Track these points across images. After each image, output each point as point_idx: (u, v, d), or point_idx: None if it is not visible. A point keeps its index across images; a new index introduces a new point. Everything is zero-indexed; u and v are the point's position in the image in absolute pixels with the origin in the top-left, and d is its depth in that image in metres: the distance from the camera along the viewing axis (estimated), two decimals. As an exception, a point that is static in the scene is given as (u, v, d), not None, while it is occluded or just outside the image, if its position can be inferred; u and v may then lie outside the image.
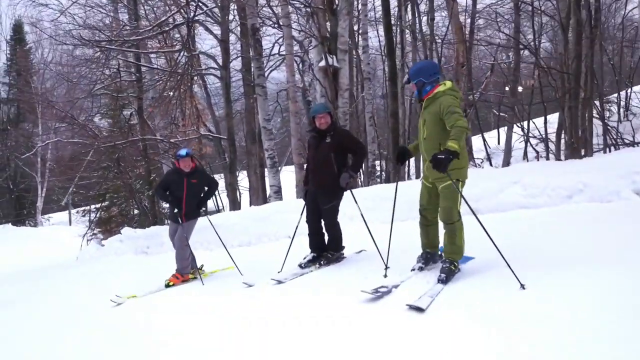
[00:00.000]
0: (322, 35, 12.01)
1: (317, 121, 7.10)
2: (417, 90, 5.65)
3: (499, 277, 5.28)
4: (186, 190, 8.01)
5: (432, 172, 5.57)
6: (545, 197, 8.45)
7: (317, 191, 7.18)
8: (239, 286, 6.80)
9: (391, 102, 14.01)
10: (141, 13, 20.16)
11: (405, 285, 5.49)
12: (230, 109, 17.38)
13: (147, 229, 14.42)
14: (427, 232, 6.02)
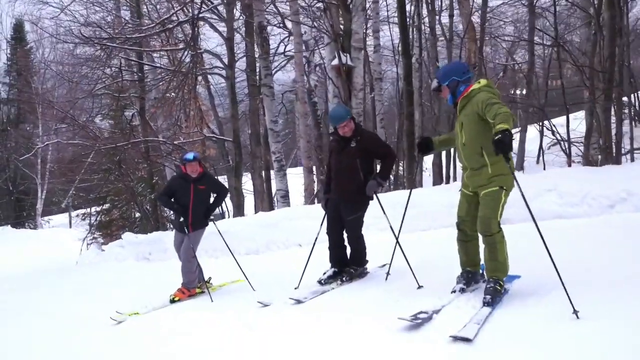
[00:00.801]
0: (336, 32, 11.35)
1: (340, 130, 6.45)
2: (451, 93, 5.11)
3: (550, 300, 4.71)
4: (193, 197, 7.36)
5: (473, 181, 5.05)
6: (584, 206, 7.81)
7: (340, 200, 6.52)
8: (253, 304, 6.15)
9: (407, 103, 13.39)
10: (144, 11, 19.59)
11: (447, 310, 4.84)
12: (236, 109, 16.77)
13: (149, 235, 13.84)
14: (466, 249, 5.40)
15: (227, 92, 24.98)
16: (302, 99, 15.71)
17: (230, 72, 16.46)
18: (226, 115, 27.57)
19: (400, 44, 14.35)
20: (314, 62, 19.56)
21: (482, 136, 4.86)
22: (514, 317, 4.53)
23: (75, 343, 6.03)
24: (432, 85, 5.25)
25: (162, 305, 7.15)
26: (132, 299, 7.73)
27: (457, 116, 5.13)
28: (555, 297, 4.67)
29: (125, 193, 20.27)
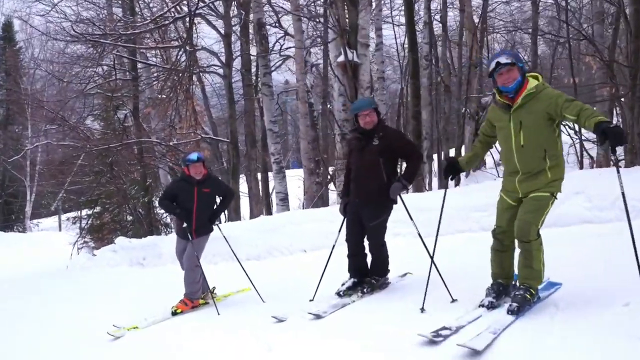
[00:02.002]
0: (342, 27, 10.81)
1: (361, 120, 5.86)
2: (516, 82, 4.39)
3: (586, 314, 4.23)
4: (197, 201, 6.77)
5: (526, 186, 4.51)
6: (616, 210, 7.28)
7: (361, 204, 5.94)
8: (265, 318, 5.58)
9: (413, 102, 12.91)
10: (137, 9, 19.07)
11: (473, 326, 4.32)
12: (233, 109, 16.23)
13: (142, 239, 13.30)
14: (501, 260, 4.85)
15: (221, 92, 24.69)
16: (302, 99, 15.17)
17: (228, 71, 15.93)
18: (220, 116, 27.14)
19: (407, 39, 13.89)
20: (310, 62, 19.11)
21: (546, 137, 4.37)
22: (539, 329, 4.08)
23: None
24: (498, 61, 4.39)
25: (163, 318, 6.57)
26: (130, 310, 7.19)
27: (512, 114, 4.47)
28: (592, 312, 4.24)
29: (117, 196, 19.72)
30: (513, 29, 19.79)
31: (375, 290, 6.02)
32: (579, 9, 18.17)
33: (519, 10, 21.06)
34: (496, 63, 4.39)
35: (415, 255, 6.95)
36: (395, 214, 7.39)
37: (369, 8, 11.16)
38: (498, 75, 4.42)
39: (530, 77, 4.47)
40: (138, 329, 6.23)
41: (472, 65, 17.74)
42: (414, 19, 13.51)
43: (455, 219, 9.08)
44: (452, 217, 9.10)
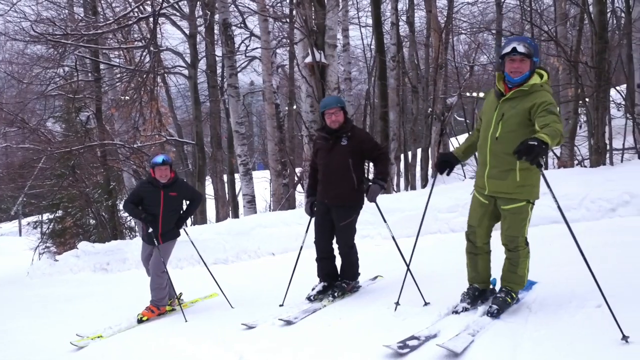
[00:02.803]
0: (309, 28, 10.72)
1: (328, 118, 5.73)
2: (523, 76, 4.19)
3: (562, 314, 4.24)
4: (163, 205, 6.58)
5: (494, 184, 4.37)
6: (583, 210, 7.35)
7: (330, 205, 5.83)
8: (233, 325, 5.44)
9: (380, 103, 12.89)
10: (99, 9, 18.68)
11: (445, 332, 4.21)
12: (199, 111, 16.01)
13: (106, 244, 13.04)
14: (475, 263, 4.73)
15: (186, 93, 24.41)
16: (269, 100, 15.02)
17: (193, 72, 15.72)
18: (185, 117, 26.83)
19: (375, 40, 13.87)
20: (276, 63, 18.99)
21: (522, 136, 4.09)
22: (513, 331, 4.04)
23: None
24: (514, 47, 4.11)
25: (128, 326, 6.38)
26: (93, 318, 7.01)
27: (499, 104, 4.31)
28: (567, 311, 4.26)
29: (79, 199, 19.33)
30: (478, 30, 19.91)
31: (346, 294, 5.93)
32: (541, 10, 18.36)
33: (483, 12, 21.21)
34: (512, 48, 4.12)
35: (385, 258, 6.91)
36: (363, 216, 7.34)
37: (336, 9, 11.07)
38: (509, 60, 4.17)
39: (536, 72, 4.28)
40: (102, 337, 6.05)
41: (438, 66, 17.80)
42: (381, 19, 13.49)
43: (425, 220, 9.04)
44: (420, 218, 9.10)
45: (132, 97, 15.79)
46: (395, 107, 16.97)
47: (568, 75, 12.11)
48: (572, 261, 5.32)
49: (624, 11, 14.55)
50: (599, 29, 9.69)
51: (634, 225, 6.83)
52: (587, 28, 12.60)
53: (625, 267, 5.21)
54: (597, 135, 9.95)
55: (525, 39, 4.34)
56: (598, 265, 4.88)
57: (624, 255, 5.69)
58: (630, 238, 6.39)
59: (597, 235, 6.70)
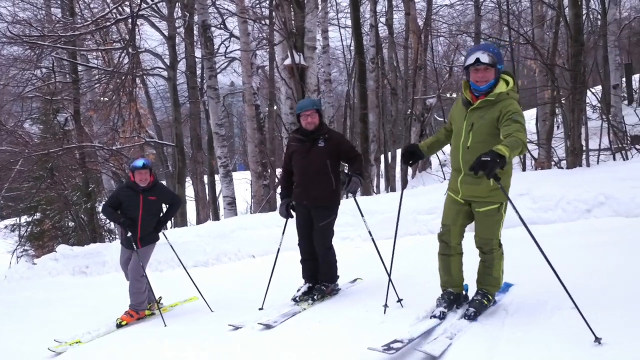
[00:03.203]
0: (288, 30, 10.73)
1: (303, 120, 5.80)
2: (488, 84, 4.24)
3: (535, 314, 4.35)
4: (142, 209, 6.55)
5: (468, 189, 4.42)
6: (559, 211, 7.44)
7: (311, 206, 5.89)
8: (213, 329, 5.46)
9: (360, 105, 12.94)
10: (77, 10, 18.52)
11: (424, 337, 4.26)
12: (178, 112, 15.95)
13: (85, 247, 12.89)
14: (448, 266, 4.70)
15: (165, 94, 24.27)
16: (249, 101, 14.96)
17: (172, 73, 15.64)
18: (164, 119, 26.69)
19: (354, 42, 13.91)
20: (256, 64, 18.95)
21: (490, 144, 4.13)
22: (492, 332, 4.11)
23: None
24: (478, 58, 4.14)
25: (107, 331, 6.36)
26: (72, 323, 6.94)
27: (468, 113, 4.35)
28: (543, 313, 4.35)
29: (58, 202, 19.16)
30: (457, 32, 20.07)
31: (326, 297, 5.96)
32: (519, 12, 18.56)
33: (462, 13, 21.40)
34: (476, 59, 4.16)
35: (365, 260, 6.93)
36: (343, 218, 7.38)
37: (315, 11, 11.09)
38: (474, 70, 4.23)
39: (502, 79, 4.34)
40: (81, 343, 6.02)
41: (418, 68, 17.89)
42: (360, 21, 13.55)
43: (404, 222, 9.10)
44: (400, 220, 9.13)
45: (111, 99, 15.68)
46: (374, 109, 17.03)
47: (545, 77, 12.26)
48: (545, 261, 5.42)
49: (600, 13, 14.79)
50: (575, 32, 9.82)
51: (609, 226, 6.94)
52: (564, 30, 12.77)
53: (598, 269, 5.29)
54: (573, 136, 10.08)
55: (487, 47, 4.37)
56: (573, 266, 4.99)
57: (598, 256, 5.78)
58: (604, 239, 6.50)
59: (573, 236, 6.81)
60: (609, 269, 5.24)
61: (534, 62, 13.45)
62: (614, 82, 16.38)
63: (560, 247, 6.33)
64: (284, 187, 6.23)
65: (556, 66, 11.18)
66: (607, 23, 13.18)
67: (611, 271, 5.15)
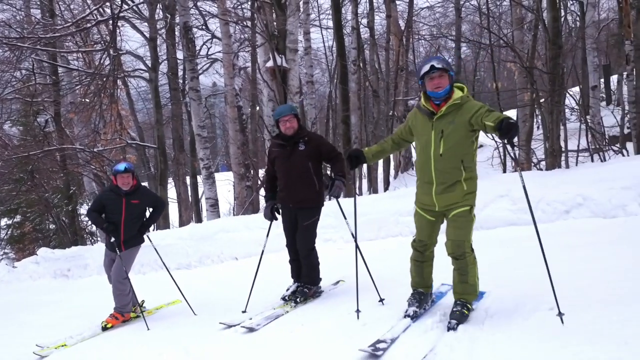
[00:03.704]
0: (270, 33, 10.77)
1: (282, 125, 5.92)
2: (445, 89, 4.36)
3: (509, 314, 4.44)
4: (125, 213, 6.55)
5: (444, 199, 4.49)
6: (539, 212, 7.55)
7: (296, 208, 6.01)
8: (196, 332, 5.49)
9: (342, 107, 13.00)
10: (57, 11, 18.37)
11: (406, 336, 4.35)
12: (160, 114, 15.88)
13: (67, 250, 12.78)
14: (421, 270, 4.88)
15: (147, 96, 24.16)
16: (231, 103, 14.99)
17: (154, 75, 15.58)
18: (146, 120, 26.56)
19: (336, 45, 13.98)
20: (238, 66, 18.95)
21: (464, 148, 4.37)
22: (473, 334, 4.19)
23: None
24: (432, 64, 4.31)
25: (91, 335, 6.32)
26: (55, 326, 6.92)
27: (434, 122, 4.42)
28: (521, 314, 4.41)
29: (38, 204, 19.00)
30: (438, 35, 20.23)
31: (309, 300, 6.02)
32: (499, 14, 18.75)
33: (443, 15, 21.56)
34: (430, 66, 4.30)
35: (348, 261, 6.97)
36: (326, 220, 7.43)
37: (296, 14, 11.13)
38: (429, 79, 4.34)
39: (456, 87, 4.46)
40: (67, 346, 5.99)
41: (399, 69, 18.02)
42: (341, 24, 13.62)
43: (387, 224, 9.20)
44: (383, 222, 9.24)
45: (92, 101, 15.60)
46: (356, 111, 17.10)
47: (525, 79, 12.43)
48: (527, 264, 5.52)
49: (579, 15, 14.98)
50: (553, 36, 9.95)
51: (587, 227, 7.06)
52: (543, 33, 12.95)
53: (576, 269, 5.39)
54: (552, 138, 10.22)
55: (438, 57, 4.54)
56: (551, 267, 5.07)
57: (576, 257, 5.89)
58: (583, 240, 6.62)
59: (552, 237, 6.90)
60: (587, 269, 5.34)
61: (513, 64, 13.63)
62: (593, 83, 16.61)
63: (537, 249, 6.43)
64: (268, 189, 6.32)
65: (535, 69, 11.33)
66: (586, 25, 13.37)
67: (588, 272, 5.25)
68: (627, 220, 6.99)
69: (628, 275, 4.91)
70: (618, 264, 5.30)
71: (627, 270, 5.06)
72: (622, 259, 5.48)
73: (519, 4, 13.35)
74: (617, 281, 4.77)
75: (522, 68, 11.43)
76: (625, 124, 13.36)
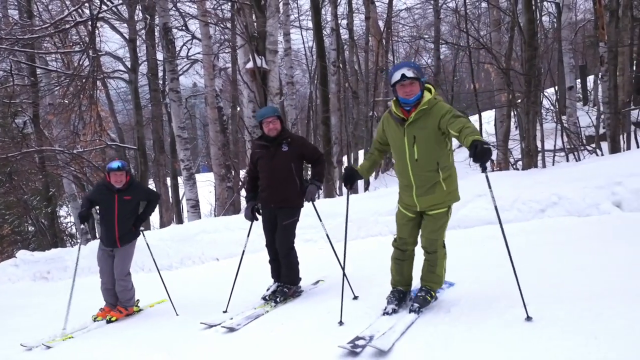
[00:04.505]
0: (250, 34, 10.80)
1: (265, 127, 6.01)
2: (416, 96, 4.44)
3: (476, 308, 4.58)
4: (118, 209, 6.68)
5: (425, 200, 4.61)
6: (515, 211, 7.70)
7: (276, 209, 6.08)
8: (179, 333, 5.54)
9: (322, 108, 13.08)
10: (35, 12, 18.22)
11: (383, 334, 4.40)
12: (140, 115, 15.86)
13: (46, 252, 12.72)
14: (401, 269, 4.99)
15: (127, 97, 24.09)
16: (211, 104, 15.01)
17: (134, 76, 15.55)
18: (126, 121, 26.43)
19: (315, 46, 14.06)
20: (218, 66, 18.96)
21: (438, 151, 4.48)
22: (448, 331, 4.26)
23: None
24: (403, 73, 4.37)
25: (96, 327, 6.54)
26: (35, 329, 6.89)
27: (405, 128, 4.50)
28: (478, 306, 4.60)
29: (17, 206, 18.84)
30: (417, 37, 20.41)
31: (289, 299, 6.08)
32: (477, 16, 18.96)
33: (422, 16, 21.74)
34: (401, 75, 4.37)
35: (328, 261, 7.06)
36: (307, 220, 7.49)
37: (276, 15, 11.17)
38: (400, 86, 4.42)
39: (425, 88, 4.54)
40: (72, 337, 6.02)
41: (379, 70, 18.12)
42: (321, 25, 13.69)
43: (366, 223, 9.28)
44: (363, 222, 9.32)
45: (71, 102, 15.51)
46: (336, 112, 17.20)
47: (502, 80, 12.62)
48: (503, 262, 5.63)
49: (555, 17, 15.20)
50: (528, 38, 10.12)
51: (562, 225, 7.20)
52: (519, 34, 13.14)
53: (551, 266, 5.52)
54: (528, 138, 10.38)
55: (408, 64, 4.57)
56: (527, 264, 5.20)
57: (551, 254, 6.02)
58: (557, 238, 6.76)
59: (528, 235, 7.04)
60: (560, 266, 5.46)
61: (490, 66, 13.82)
62: (569, 84, 16.86)
63: (516, 246, 6.54)
64: (249, 190, 6.39)
65: (512, 70, 11.51)
66: (562, 26, 13.58)
67: (562, 269, 5.37)
68: (600, 219, 7.15)
69: (600, 272, 5.04)
70: (591, 261, 5.43)
71: (600, 267, 5.19)
72: (595, 256, 5.61)
73: (496, 6, 13.55)
74: (590, 277, 4.90)
75: (499, 69, 11.61)
76: (600, 124, 13.60)
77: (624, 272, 4.89)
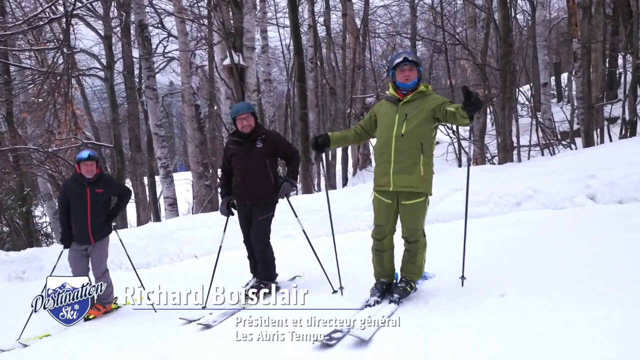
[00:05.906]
0: (227, 31, 10.77)
1: (239, 123, 5.99)
2: (414, 82, 4.67)
3: (453, 298, 4.69)
4: (90, 203, 6.52)
5: (400, 179, 4.68)
6: (491, 205, 7.80)
7: (251, 205, 6.08)
8: (155, 330, 5.55)
9: (300, 105, 13.08)
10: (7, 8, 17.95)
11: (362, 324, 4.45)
12: (116, 113, 15.74)
13: (22, 252, 12.55)
14: (382, 260, 5.06)
15: (102, 95, 23.88)
16: (188, 102, 14.94)
17: (109, 74, 15.42)
18: (102, 119, 26.19)
19: (293, 43, 14.07)
20: (195, 64, 18.88)
21: (425, 132, 4.64)
22: (427, 320, 4.34)
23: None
24: (406, 56, 4.63)
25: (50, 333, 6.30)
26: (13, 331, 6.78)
27: (399, 107, 4.69)
28: (456, 297, 4.70)
29: (-10, 206, 18.57)
30: (394, 33, 20.51)
31: (267, 295, 6.07)
32: (453, 13, 19.10)
33: (399, 13, 21.84)
34: (404, 58, 4.62)
35: (306, 257, 7.07)
36: (285, 216, 7.50)
37: (253, 12, 11.16)
38: (400, 70, 4.63)
39: (422, 85, 4.76)
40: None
41: (356, 67, 18.19)
42: (298, 22, 13.69)
43: (345, 219, 9.32)
44: (341, 217, 9.35)
45: (46, 100, 15.32)
46: (314, 108, 17.24)
47: (478, 76, 12.76)
48: (479, 255, 5.72)
49: (530, 14, 15.39)
50: (503, 34, 10.25)
51: (537, 218, 7.32)
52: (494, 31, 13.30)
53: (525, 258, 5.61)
54: (504, 134, 10.51)
55: (410, 52, 4.92)
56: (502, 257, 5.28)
57: (526, 247, 6.11)
58: (533, 230, 6.87)
59: (504, 229, 7.14)
60: (536, 258, 5.55)
61: (466, 62, 13.97)
62: (544, 80, 17.10)
63: (492, 239, 6.66)
64: (223, 185, 6.37)
65: (487, 66, 11.64)
66: (536, 23, 13.75)
67: (538, 260, 5.46)
68: (575, 211, 7.28)
69: (576, 263, 5.13)
70: (566, 252, 5.53)
71: (575, 258, 5.29)
72: (570, 247, 5.72)
73: (472, 2, 13.69)
74: (566, 268, 4.98)
75: (475, 65, 11.74)
76: (574, 119, 13.81)
77: (599, 263, 4.98)
